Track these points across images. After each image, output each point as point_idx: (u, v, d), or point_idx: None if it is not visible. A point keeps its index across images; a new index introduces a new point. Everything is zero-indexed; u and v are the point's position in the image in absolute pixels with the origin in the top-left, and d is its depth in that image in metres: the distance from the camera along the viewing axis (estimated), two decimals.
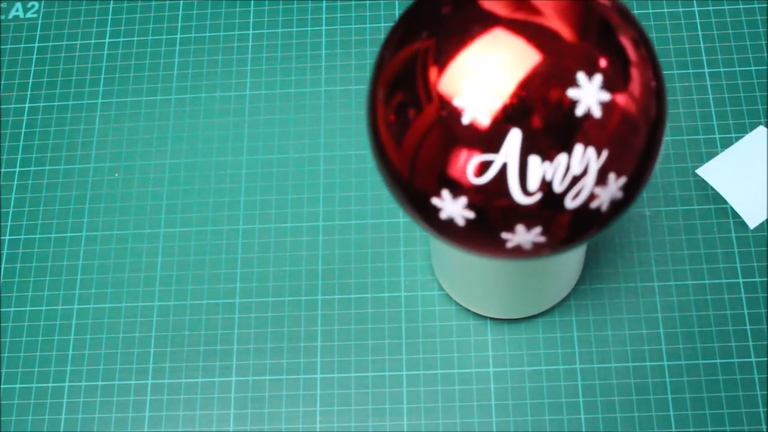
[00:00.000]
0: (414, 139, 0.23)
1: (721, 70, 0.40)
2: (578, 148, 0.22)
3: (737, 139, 0.39)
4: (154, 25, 0.44)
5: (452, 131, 0.22)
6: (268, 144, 0.40)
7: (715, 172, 0.38)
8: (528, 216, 0.23)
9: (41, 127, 0.42)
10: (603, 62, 0.22)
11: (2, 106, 0.42)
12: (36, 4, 0.45)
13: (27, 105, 0.42)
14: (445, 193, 0.23)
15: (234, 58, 0.42)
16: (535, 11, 0.22)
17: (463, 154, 0.22)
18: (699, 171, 0.38)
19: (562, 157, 0.22)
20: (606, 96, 0.22)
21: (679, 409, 0.34)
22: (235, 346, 0.37)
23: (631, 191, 0.23)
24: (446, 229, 0.24)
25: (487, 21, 0.22)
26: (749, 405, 0.34)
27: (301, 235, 0.38)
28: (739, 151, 0.38)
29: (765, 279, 0.36)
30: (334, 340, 0.36)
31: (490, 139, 0.22)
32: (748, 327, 0.35)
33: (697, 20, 0.41)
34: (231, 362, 0.36)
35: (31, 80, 0.43)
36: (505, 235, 0.23)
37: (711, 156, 0.38)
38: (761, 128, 0.38)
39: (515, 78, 0.22)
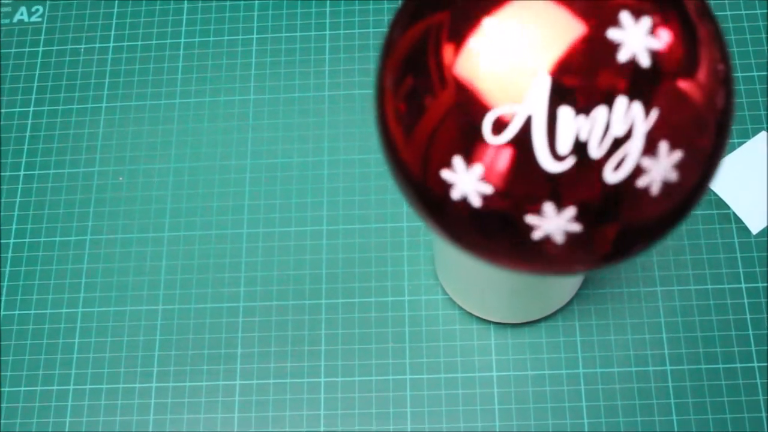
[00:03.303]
0: (426, 131, 0.19)
1: None
2: (621, 101, 0.18)
3: (740, 144, 0.39)
4: (158, 30, 0.44)
5: (472, 118, 0.18)
6: (272, 148, 0.40)
7: (718, 177, 0.38)
8: (558, 189, 0.18)
9: (46, 131, 0.42)
10: (651, 6, 0.18)
11: (7, 110, 0.42)
12: (40, 8, 0.45)
13: (31, 109, 0.42)
14: (457, 161, 0.19)
15: (238, 62, 0.43)
16: None
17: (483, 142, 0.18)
18: None
19: (600, 111, 0.18)
20: (656, 43, 0.18)
21: (682, 413, 0.34)
22: (239, 349, 0.37)
23: (688, 174, 0.19)
24: (457, 215, 0.20)
25: None
26: (752, 410, 0.34)
27: (305, 239, 0.39)
28: (742, 156, 0.38)
29: (767, 284, 0.36)
30: (338, 344, 0.36)
31: (511, 89, 0.18)
32: (750, 332, 0.35)
33: None
34: (235, 366, 0.36)
35: (35, 84, 0.43)
36: (530, 218, 0.19)
37: None
38: (764, 134, 0.38)
39: (556, 50, 0.18)
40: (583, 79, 0.18)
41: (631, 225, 0.19)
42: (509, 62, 0.18)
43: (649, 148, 0.18)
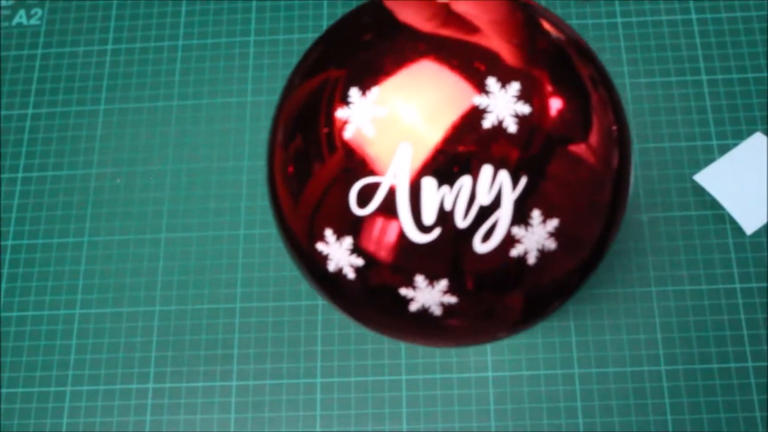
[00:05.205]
0: (313, 198, 0.18)
1: (719, 77, 0.40)
2: (486, 170, 0.17)
3: (734, 145, 0.39)
4: (157, 32, 0.44)
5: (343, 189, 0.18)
6: None
7: (713, 178, 0.38)
8: (428, 261, 0.17)
9: (44, 132, 0.42)
10: (521, 71, 0.18)
11: (5, 112, 0.43)
12: (39, 11, 0.45)
13: (30, 111, 0.43)
14: (328, 233, 0.18)
15: (236, 64, 0.43)
16: (468, 32, 0.18)
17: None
18: (696, 177, 0.38)
19: (464, 180, 0.17)
20: (524, 108, 0.17)
21: (677, 413, 0.34)
22: (236, 350, 0.37)
23: (567, 243, 0.18)
24: (337, 286, 0.19)
25: (407, 51, 0.18)
26: (746, 410, 0.34)
27: None
28: (737, 157, 0.38)
29: (762, 284, 0.36)
30: (334, 345, 0.37)
31: (377, 160, 0.17)
32: (745, 332, 0.35)
33: (695, 28, 0.41)
34: (232, 366, 0.36)
35: (34, 86, 0.43)
36: (404, 291, 0.18)
37: (708, 162, 0.39)
38: (758, 135, 0.39)
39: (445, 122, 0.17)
40: (446, 147, 0.17)
41: (532, 290, 0.19)
42: (376, 132, 0.18)
43: (520, 217, 0.17)
